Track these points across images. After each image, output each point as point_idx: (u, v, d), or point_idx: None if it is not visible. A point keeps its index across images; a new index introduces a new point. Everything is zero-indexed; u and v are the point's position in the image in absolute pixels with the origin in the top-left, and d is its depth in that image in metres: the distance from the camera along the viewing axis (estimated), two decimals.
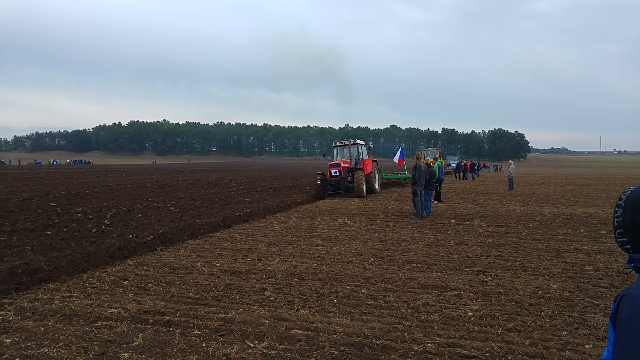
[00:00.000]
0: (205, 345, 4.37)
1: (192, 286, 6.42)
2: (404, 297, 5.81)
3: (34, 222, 11.21)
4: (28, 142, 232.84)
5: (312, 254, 8.42)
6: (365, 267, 7.42)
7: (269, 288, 6.25)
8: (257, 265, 7.60)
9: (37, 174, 38.66)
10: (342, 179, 20.17)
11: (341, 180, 20.17)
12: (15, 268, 6.74)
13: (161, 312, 5.30)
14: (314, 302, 5.65)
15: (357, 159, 21.89)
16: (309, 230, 11.35)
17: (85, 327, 4.90)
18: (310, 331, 4.64)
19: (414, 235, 10.41)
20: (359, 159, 21.93)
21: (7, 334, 4.69)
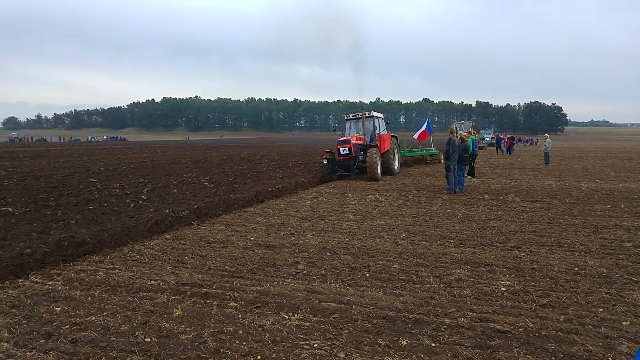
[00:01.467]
0: (242, 316, 4.52)
1: (227, 259, 6.62)
2: (436, 272, 5.82)
3: (76, 197, 11.70)
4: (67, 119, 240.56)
5: (343, 229, 8.49)
6: (397, 242, 7.43)
7: (302, 262, 6.37)
8: (290, 240, 7.73)
9: (76, 150, 40.14)
10: (352, 158, 17.28)
11: (351, 159, 17.29)
12: (62, 241, 7.09)
13: (199, 284, 5.50)
14: (346, 276, 5.73)
15: (373, 135, 19.05)
16: (340, 205, 11.41)
17: (128, 297, 5.14)
18: (343, 304, 4.73)
19: (447, 211, 10.32)
20: (375, 134, 19.10)
21: (57, 303, 4.98)
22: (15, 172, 17.71)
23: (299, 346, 3.87)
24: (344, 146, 17.26)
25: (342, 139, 17.69)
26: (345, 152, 17.29)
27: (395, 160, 19.91)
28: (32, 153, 34.04)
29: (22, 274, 5.99)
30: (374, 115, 19.43)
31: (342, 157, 17.41)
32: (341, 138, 17.90)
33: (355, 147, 17.31)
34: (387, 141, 18.84)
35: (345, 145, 17.30)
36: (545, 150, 25.38)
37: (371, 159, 16.60)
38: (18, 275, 5.93)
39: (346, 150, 17.24)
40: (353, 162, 17.29)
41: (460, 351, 3.76)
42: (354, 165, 17.37)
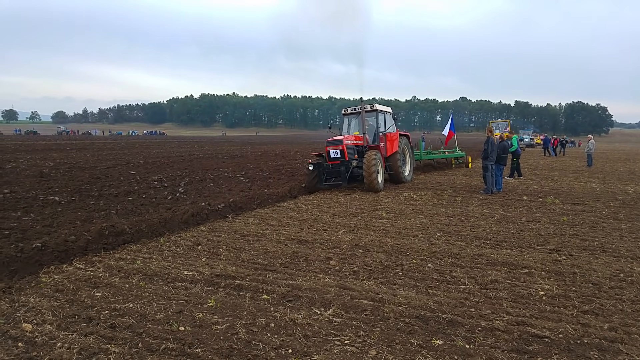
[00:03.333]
0: (274, 309, 4.55)
1: (261, 253, 6.68)
2: (471, 273, 5.68)
3: (117, 188, 12.10)
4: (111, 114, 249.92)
5: (376, 227, 8.42)
6: (431, 241, 7.31)
7: (334, 258, 6.35)
8: (322, 235, 7.73)
9: (118, 144, 41.58)
10: (344, 164, 13.33)
11: (342, 164, 13.33)
12: (103, 230, 7.35)
13: (232, 276, 5.57)
14: (378, 273, 5.68)
15: (377, 133, 15.35)
16: (374, 203, 11.32)
17: (163, 286, 5.27)
18: (375, 302, 4.68)
19: (483, 211, 10.06)
20: (379, 132, 15.32)
21: (97, 289, 5.16)
22: (62, 164, 18.50)
23: (330, 341, 3.86)
24: (335, 148, 13.52)
25: (333, 139, 13.81)
26: (336, 156, 13.50)
27: (407, 165, 16.28)
28: (77, 145, 35.50)
29: (66, 259, 6.25)
30: (378, 109, 15.45)
31: (332, 161, 13.59)
32: (331, 138, 13.98)
33: (349, 149, 13.60)
34: (395, 141, 14.98)
35: (336, 146, 13.53)
36: (588, 151, 24.36)
37: (369, 164, 12.83)
38: (63, 260, 6.19)
39: (337, 153, 13.46)
40: (345, 168, 13.30)
41: (495, 354, 3.65)
42: (346, 172, 13.34)
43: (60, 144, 37.59)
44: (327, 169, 13.71)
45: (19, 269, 5.72)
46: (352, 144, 14.00)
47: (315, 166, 13.59)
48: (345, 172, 13.32)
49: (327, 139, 14.14)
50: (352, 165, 13.31)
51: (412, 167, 16.63)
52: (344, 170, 13.33)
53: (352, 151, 13.79)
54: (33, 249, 6.23)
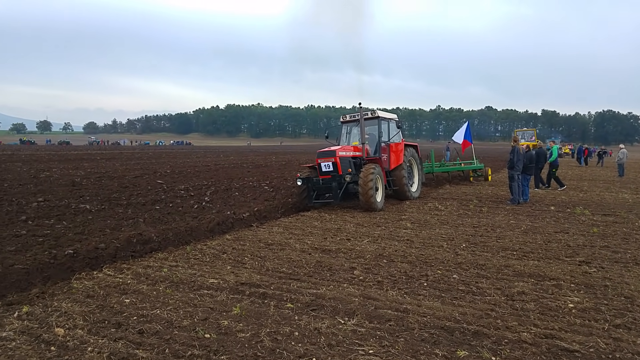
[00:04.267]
0: (298, 318, 4.57)
1: (285, 261, 6.72)
2: (497, 284, 5.58)
3: (144, 197, 12.38)
4: (139, 124, 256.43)
5: (400, 237, 8.37)
6: (456, 252, 7.22)
7: (358, 267, 6.34)
8: (346, 245, 7.73)
9: (145, 153, 42.54)
10: (336, 178, 11.60)
11: (334, 179, 11.58)
12: (131, 238, 7.53)
13: (257, 284, 5.62)
14: (403, 283, 5.64)
15: (378, 143, 13.42)
16: (398, 213, 11.26)
17: (189, 294, 5.35)
18: (399, 312, 4.65)
19: (510, 222, 9.88)
20: (382, 143, 13.39)
21: (126, 295, 5.29)
22: (92, 173, 19.05)
23: (354, 351, 3.85)
24: (327, 160, 11.79)
25: (324, 150, 12.11)
26: (328, 169, 11.77)
27: (415, 179, 14.54)
28: (107, 155, 36.48)
29: (96, 266, 6.42)
30: (380, 117, 13.44)
31: (324, 175, 11.85)
32: (323, 149, 12.24)
33: (343, 162, 11.80)
34: (400, 153, 13.34)
35: (328, 158, 11.77)
36: (620, 161, 23.67)
37: (365, 179, 11.15)
38: (93, 267, 6.36)
39: (329, 167, 11.73)
40: (337, 183, 11.53)
41: None
42: (339, 188, 11.56)
43: (90, 154, 38.71)
44: (317, 184, 11.78)
45: (52, 275, 5.91)
46: (348, 155, 12.12)
47: (304, 181, 11.77)
48: (337, 189, 11.46)
49: (318, 149, 12.66)
50: (346, 180, 11.43)
51: (420, 181, 14.68)
52: (336, 186, 11.47)
53: (348, 164, 11.86)
54: (65, 255, 6.43)
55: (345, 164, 11.82)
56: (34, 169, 20.55)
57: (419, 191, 14.44)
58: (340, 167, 11.67)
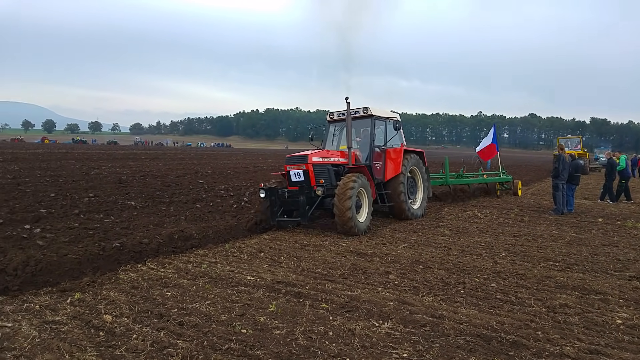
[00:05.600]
0: (332, 318, 4.61)
1: (320, 262, 6.79)
2: (538, 295, 5.43)
3: (186, 195, 12.78)
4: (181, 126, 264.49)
5: (438, 244, 8.27)
6: (495, 260, 7.07)
7: (393, 272, 6.33)
8: (381, 249, 7.72)
9: (187, 154, 43.81)
10: (304, 191, 9.01)
11: (301, 193, 8.98)
12: (173, 234, 7.82)
13: (292, 283, 5.71)
14: (439, 290, 5.58)
15: (371, 148, 10.74)
16: (435, 220, 11.11)
17: (227, 290, 5.50)
18: (435, 318, 4.62)
19: (553, 232, 9.57)
20: (375, 147, 10.79)
21: (167, 288, 5.50)
22: (137, 172, 19.83)
23: (388, 354, 3.86)
24: (297, 167, 9.47)
25: (294, 155, 9.80)
26: (298, 179, 9.45)
27: (418, 194, 11.80)
28: (151, 155, 37.83)
29: (140, 260, 6.70)
30: (374, 115, 10.82)
31: (294, 186, 9.46)
32: (293, 154, 9.87)
33: (318, 170, 9.43)
34: (397, 160, 10.67)
35: (298, 165, 9.46)
36: None
37: (342, 194, 8.62)
38: (137, 260, 6.64)
39: (299, 175, 9.43)
40: (305, 198, 8.94)
41: None
42: (307, 204, 8.99)
43: (136, 154, 40.23)
44: (282, 197, 9.27)
45: (101, 266, 6.23)
46: (325, 162, 9.72)
47: (267, 193, 9.25)
48: (305, 204, 8.86)
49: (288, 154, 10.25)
50: (317, 193, 8.89)
51: (426, 196, 11.99)
52: (304, 201, 8.83)
53: (324, 173, 9.51)
54: (113, 248, 6.76)
55: (320, 173, 9.38)
56: (85, 167, 21.60)
57: (423, 208, 11.66)
58: (313, 176, 9.23)
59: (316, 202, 9.06)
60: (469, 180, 16.42)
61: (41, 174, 17.25)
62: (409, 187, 11.25)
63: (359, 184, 8.93)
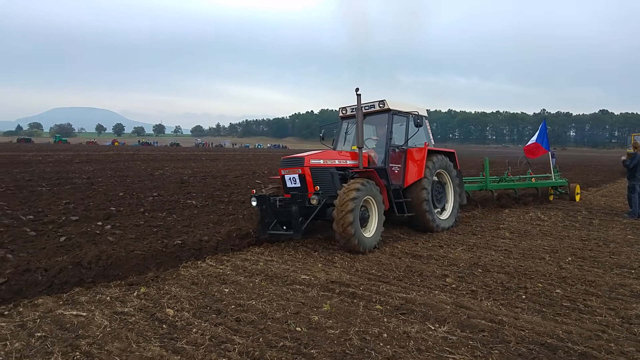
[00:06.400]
0: (387, 320, 4.56)
1: (374, 264, 6.74)
2: (610, 304, 5.08)
3: (244, 195, 13.13)
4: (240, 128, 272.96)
5: (498, 247, 7.95)
6: (560, 265, 6.69)
7: (450, 275, 6.16)
8: (438, 252, 7.53)
9: (245, 155, 45.07)
10: (296, 200, 7.58)
11: (294, 202, 7.57)
12: (231, 232, 8.06)
13: (346, 284, 5.71)
14: (499, 294, 5.37)
15: (387, 149, 9.16)
16: (496, 222, 10.70)
17: (283, 287, 5.60)
18: (494, 323, 4.44)
19: (627, 237, 8.91)
20: (392, 147, 9.22)
21: (225, 285, 5.68)
22: (198, 172, 20.66)
23: (444, 358, 3.76)
24: (292, 171, 8.12)
25: (290, 157, 8.44)
26: (293, 185, 8.12)
27: (448, 202, 10.09)
28: (211, 156, 39.29)
29: (200, 257, 6.97)
30: (392, 110, 9.30)
31: (289, 193, 8.06)
32: (288, 156, 8.55)
33: (317, 174, 8.01)
34: (420, 162, 9.15)
35: (293, 168, 8.11)
36: None
37: (342, 205, 7.30)
38: (197, 257, 6.91)
39: (295, 181, 8.09)
40: (298, 207, 7.54)
41: None
42: (301, 214, 7.60)
43: (197, 155, 41.92)
44: (273, 206, 7.96)
45: (164, 262, 6.55)
46: (327, 164, 8.24)
47: (259, 201, 8.03)
48: (298, 215, 7.50)
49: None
50: (311, 202, 7.52)
51: (457, 204, 10.21)
52: (296, 211, 7.48)
53: (326, 178, 8.03)
54: (175, 245, 7.08)
55: (320, 178, 7.97)
56: (150, 167, 22.81)
57: (453, 218, 9.96)
58: (310, 182, 7.89)
59: (313, 212, 7.61)
60: (513, 184, 14.21)
61: (111, 174, 18.41)
62: (435, 193, 9.69)
63: (364, 192, 7.55)
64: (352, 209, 7.25)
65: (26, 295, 5.10)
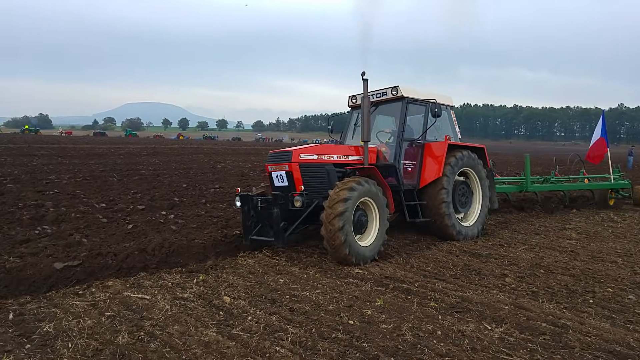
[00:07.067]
0: (441, 318, 4.47)
1: (430, 261, 6.61)
2: None
3: None
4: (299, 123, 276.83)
5: (563, 247, 7.53)
6: (635, 270, 6.22)
7: (510, 275, 5.91)
8: (498, 251, 7.26)
9: None
10: (278, 201, 6.48)
11: (275, 204, 6.48)
12: None
13: (401, 280, 5.65)
14: (563, 297, 5.09)
15: (398, 143, 7.93)
16: (561, 221, 10.13)
17: (336, 280, 5.63)
18: (557, 327, 4.22)
19: None
20: (404, 141, 8.03)
21: (280, 275, 5.80)
22: (258, 166, 21.23)
23: (500, 359, 3.63)
24: (279, 167, 7.06)
25: (277, 151, 7.33)
26: (281, 183, 7.08)
27: (474, 205, 8.66)
28: None
29: (257, 247, 7.16)
30: (406, 97, 8.06)
31: (276, 190, 6.91)
32: (276, 150, 7.42)
33: (308, 171, 6.96)
34: (439, 159, 7.94)
35: (280, 164, 7.05)
36: None
37: (330, 210, 6.17)
38: (255, 248, 7.10)
39: (282, 179, 7.05)
40: (280, 209, 6.49)
41: None
42: (283, 218, 6.55)
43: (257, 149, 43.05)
44: (256, 207, 6.85)
45: (223, 251, 6.80)
46: (321, 160, 7.15)
47: (242, 200, 7.02)
48: (279, 219, 6.45)
49: (270, 151, 7.65)
50: (295, 204, 6.47)
51: (486, 209, 8.69)
52: (277, 214, 6.44)
53: (320, 176, 7.00)
54: (233, 235, 7.33)
55: (311, 176, 6.93)
56: (212, 161, 23.73)
57: (479, 225, 8.53)
58: (299, 180, 6.80)
59: (301, 216, 6.53)
60: (561, 185, 12.32)
61: (176, 166, 19.34)
62: (459, 195, 8.35)
63: (360, 192, 6.38)
64: (342, 212, 6.08)
65: (98, 277, 5.48)
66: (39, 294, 4.93)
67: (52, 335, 3.89)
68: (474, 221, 8.53)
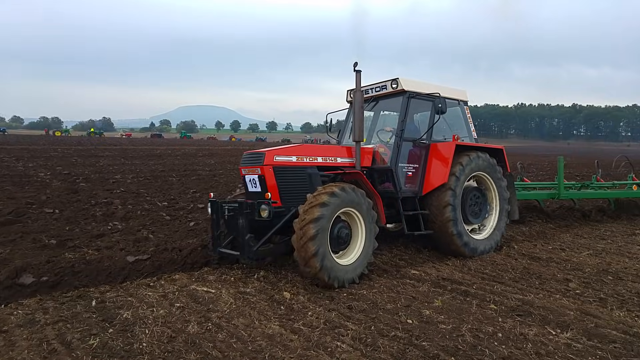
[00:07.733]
0: (502, 320, 4.41)
1: (488, 263, 6.50)
2: None
3: None
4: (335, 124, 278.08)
5: (633, 253, 7.17)
6: None
7: (574, 280, 5.71)
8: (559, 255, 7.02)
9: None
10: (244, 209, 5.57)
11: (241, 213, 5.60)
12: None
13: (458, 281, 5.60)
14: (634, 305, 4.86)
15: (397, 143, 6.79)
16: (630, 226, 9.60)
17: (393, 281, 5.66)
18: (629, 335, 4.05)
19: None
20: (407, 141, 6.93)
21: None
22: None
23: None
24: (252, 170, 6.07)
25: (251, 152, 6.25)
26: (254, 189, 6.10)
27: (490, 217, 7.48)
28: None
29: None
30: (408, 91, 6.99)
31: (251, 197, 6.08)
32: (250, 151, 6.30)
33: (284, 175, 5.97)
34: (445, 161, 6.80)
35: (252, 167, 6.05)
36: None
37: (304, 216, 5.20)
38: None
39: (255, 183, 6.06)
40: (245, 221, 5.57)
41: None
42: (249, 229, 5.54)
43: None
44: (222, 216, 6.08)
45: None
46: (300, 162, 6.18)
47: (213, 208, 6.16)
48: (244, 231, 5.57)
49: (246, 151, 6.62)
50: (261, 214, 5.45)
51: (504, 219, 7.49)
52: (243, 225, 5.60)
53: (300, 180, 6.09)
54: None
55: (288, 181, 6.01)
56: None
57: (496, 238, 7.33)
58: (274, 186, 5.86)
59: (273, 227, 5.68)
60: (600, 193, 10.75)
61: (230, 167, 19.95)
62: (471, 204, 7.18)
63: (340, 201, 5.40)
64: (318, 218, 5.11)
65: (165, 271, 5.81)
66: (115, 283, 5.32)
67: (130, 322, 4.20)
68: (489, 233, 7.32)
